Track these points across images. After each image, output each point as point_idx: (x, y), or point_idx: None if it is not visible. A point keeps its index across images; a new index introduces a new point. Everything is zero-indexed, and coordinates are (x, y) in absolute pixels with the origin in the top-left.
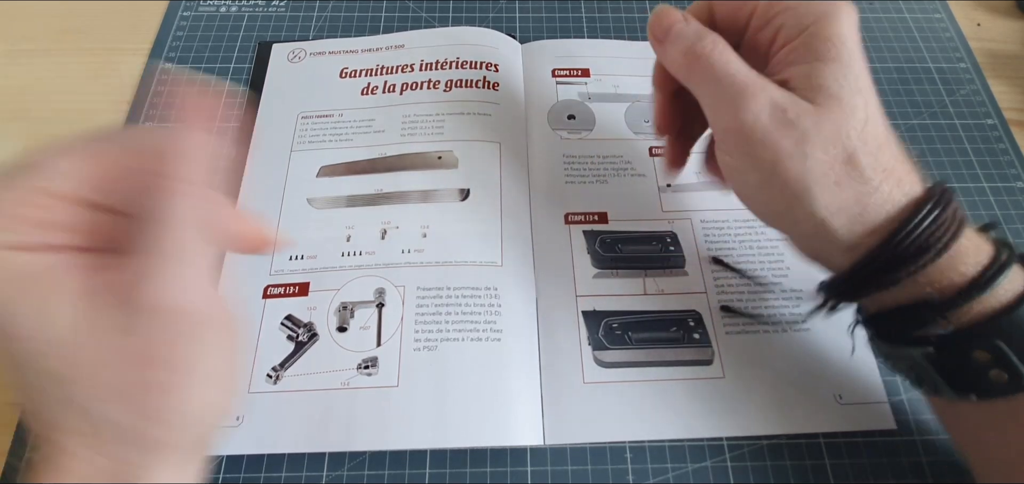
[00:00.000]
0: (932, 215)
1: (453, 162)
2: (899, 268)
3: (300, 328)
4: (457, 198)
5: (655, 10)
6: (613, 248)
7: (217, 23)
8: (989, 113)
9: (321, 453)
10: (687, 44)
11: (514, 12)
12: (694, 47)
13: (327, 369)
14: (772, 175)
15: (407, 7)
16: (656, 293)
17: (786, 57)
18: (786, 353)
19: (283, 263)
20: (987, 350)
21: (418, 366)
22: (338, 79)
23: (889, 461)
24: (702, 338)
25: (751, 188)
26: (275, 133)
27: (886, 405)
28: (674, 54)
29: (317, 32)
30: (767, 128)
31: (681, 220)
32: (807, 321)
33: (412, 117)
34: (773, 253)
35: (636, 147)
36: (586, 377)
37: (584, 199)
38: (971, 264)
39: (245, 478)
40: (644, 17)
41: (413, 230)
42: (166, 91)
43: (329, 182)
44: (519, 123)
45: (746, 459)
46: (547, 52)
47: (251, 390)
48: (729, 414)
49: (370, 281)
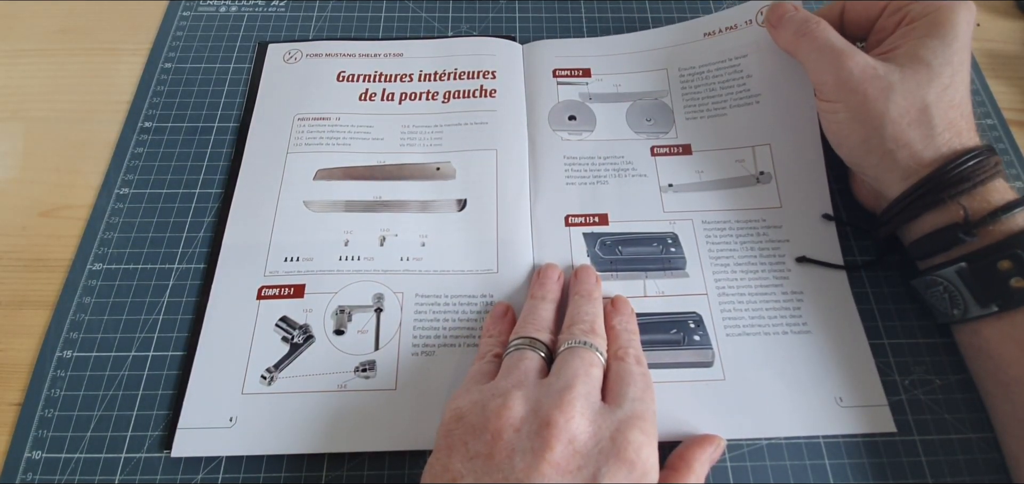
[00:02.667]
0: (976, 158)
1: (451, 173)
2: (943, 190)
3: (295, 330)
4: (455, 208)
5: (771, 4)
6: (614, 250)
7: (217, 23)
8: (989, 113)
9: (321, 453)
10: (797, 26)
11: (514, 13)
12: (802, 27)
13: (324, 371)
14: (858, 112)
15: (407, 8)
16: (657, 295)
17: (904, 32)
18: (786, 356)
19: (278, 264)
20: (1009, 259)
21: (416, 370)
22: (335, 82)
23: (889, 462)
24: (703, 340)
25: (840, 124)
26: (271, 134)
27: (886, 408)
28: (786, 35)
29: (317, 33)
30: (859, 78)
31: (683, 220)
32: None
33: (411, 128)
34: (775, 254)
35: (638, 147)
36: None
37: (585, 200)
38: (998, 199)
39: (245, 478)
40: (644, 15)
41: (412, 238)
42: (165, 91)
43: (326, 186)
44: (518, 127)
45: (746, 459)
46: (548, 52)
47: (245, 391)
48: (729, 416)
49: (368, 286)
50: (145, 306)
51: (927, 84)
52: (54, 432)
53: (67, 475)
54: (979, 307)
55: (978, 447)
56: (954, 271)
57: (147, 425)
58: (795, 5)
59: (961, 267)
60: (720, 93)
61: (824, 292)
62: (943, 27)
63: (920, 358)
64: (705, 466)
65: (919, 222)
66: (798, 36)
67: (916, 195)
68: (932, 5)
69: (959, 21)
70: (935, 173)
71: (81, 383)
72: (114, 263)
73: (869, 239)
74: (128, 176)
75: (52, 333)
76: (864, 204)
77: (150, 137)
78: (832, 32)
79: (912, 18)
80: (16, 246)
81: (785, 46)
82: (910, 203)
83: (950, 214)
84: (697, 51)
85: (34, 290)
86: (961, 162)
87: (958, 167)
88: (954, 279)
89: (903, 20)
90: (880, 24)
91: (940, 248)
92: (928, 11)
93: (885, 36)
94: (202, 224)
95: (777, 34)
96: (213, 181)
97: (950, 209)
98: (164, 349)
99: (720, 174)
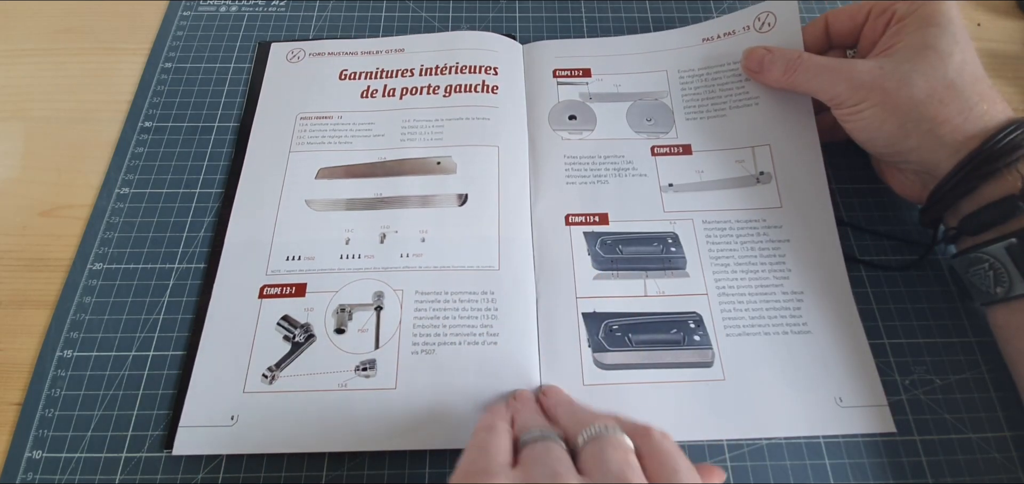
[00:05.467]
0: (1021, 128)
1: (452, 167)
2: (997, 160)
3: (297, 329)
4: (455, 203)
5: (744, 53)
6: (614, 249)
7: (217, 23)
8: None
9: (321, 453)
10: (784, 63)
11: (514, 12)
12: (792, 62)
13: (324, 371)
14: (884, 104)
15: (407, 8)
16: (657, 295)
17: (896, 31)
18: (787, 356)
19: (280, 263)
20: None
21: (417, 369)
22: (337, 81)
23: (889, 462)
24: (703, 340)
25: (868, 120)
26: (273, 133)
27: (886, 408)
28: (775, 73)
29: (317, 32)
30: (872, 79)
31: (683, 220)
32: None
33: (412, 122)
34: (775, 254)
35: (638, 146)
36: (586, 379)
37: (585, 200)
38: None
39: (245, 478)
40: (644, 15)
41: (412, 234)
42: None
43: (328, 184)
44: (519, 125)
45: (746, 459)
46: (548, 52)
47: (246, 390)
48: (729, 417)
49: (368, 284)
50: (145, 306)
51: (942, 65)
52: (54, 432)
53: (67, 475)
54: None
55: (978, 447)
56: (1003, 247)
57: (147, 425)
58: (766, 47)
59: (1011, 243)
60: (719, 95)
61: (825, 292)
62: (936, 16)
63: (920, 358)
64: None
65: (974, 196)
66: (789, 71)
67: (971, 167)
68: (916, 4)
69: (948, 8)
70: (986, 143)
71: (81, 383)
72: (114, 263)
73: (869, 238)
74: (128, 176)
75: (52, 333)
76: (907, 196)
77: (150, 137)
78: (820, 56)
79: (900, 16)
80: (16, 246)
81: (778, 84)
82: (965, 176)
83: (1007, 185)
84: (696, 55)
85: (34, 290)
86: (1009, 131)
87: (1007, 136)
88: (1002, 255)
89: (891, 20)
90: (867, 29)
91: (997, 220)
92: (915, 8)
93: (876, 38)
94: (202, 224)
95: (765, 77)
96: (213, 181)
97: (1007, 180)
98: (164, 349)
99: (720, 174)
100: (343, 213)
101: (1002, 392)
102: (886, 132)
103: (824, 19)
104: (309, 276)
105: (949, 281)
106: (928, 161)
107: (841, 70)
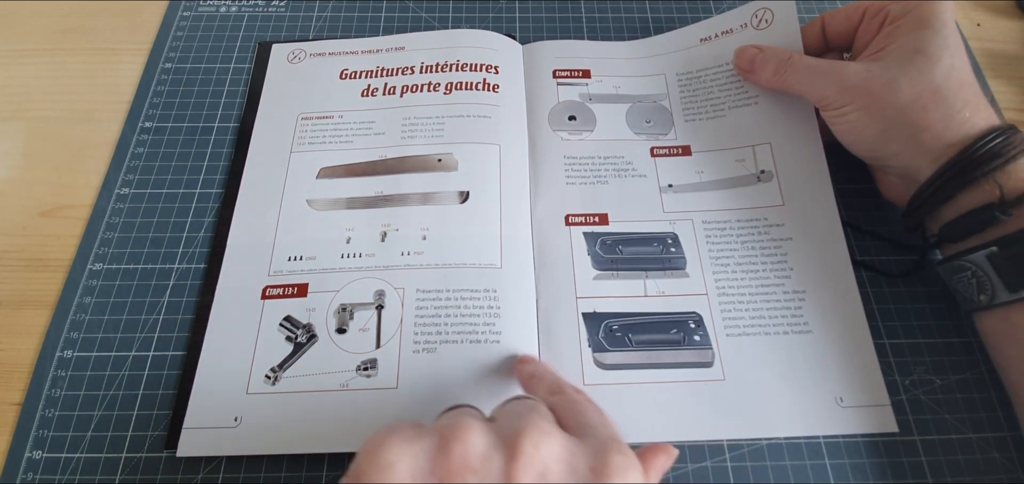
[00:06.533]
0: (1003, 135)
1: (453, 165)
2: (975, 168)
3: (299, 329)
4: (457, 200)
5: (736, 51)
6: (614, 249)
7: (217, 23)
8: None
9: (321, 454)
10: (775, 63)
11: (514, 13)
12: (782, 63)
13: (326, 371)
14: (869, 108)
15: (407, 8)
16: (657, 295)
17: (889, 32)
18: (787, 356)
19: (282, 264)
20: None
21: (418, 368)
22: (338, 80)
23: (889, 462)
24: (703, 340)
25: (852, 122)
26: (275, 134)
27: (888, 408)
28: (766, 74)
29: (317, 32)
30: (860, 82)
31: (683, 221)
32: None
33: (412, 120)
34: (776, 253)
35: (637, 147)
36: (586, 379)
37: (585, 200)
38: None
39: (245, 478)
40: (644, 16)
41: (413, 232)
42: (166, 91)
43: (329, 184)
44: (519, 125)
45: (746, 459)
46: (548, 53)
47: (250, 391)
48: (730, 417)
49: (369, 283)
50: (146, 306)
51: (929, 70)
52: (55, 432)
53: (68, 475)
54: (1008, 292)
55: (978, 447)
56: (984, 256)
57: (148, 425)
58: (757, 46)
59: (991, 252)
60: (718, 96)
61: (828, 290)
62: (928, 18)
63: (920, 358)
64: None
65: (953, 203)
66: (780, 71)
67: (949, 174)
68: (911, 4)
69: (942, 10)
70: (965, 151)
71: (82, 383)
72: (114, 263)
73: (869, 239)
74: (128, 176)
75: (53, 333)
76: (892, 198)
77: (150, 137)
78: (811, 57)
79: (894, 17)
80: (16, 246)
81: (769, 84)
82: (944, 183)
83: (985, 194)
84: (694, 56)
85: (35, 290)
86: (988, 139)
87: (986, 144)
88: (983, 264)
89: (885, 21)
90: (862, 29)
91: (975, 229)
92: (909, 9)
93: (870, 38)
94: (202, 224)
95: (756, 77)
96: (213, 181)
97: (984, 188)
98: (165, 349)
99: (720, 174)
100: (344, 212)
101: (1002, 392)
102: (869, 136)
103: (821, 20)
104: (311, 276)
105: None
106: (909, 167)
107: (831, 72)
